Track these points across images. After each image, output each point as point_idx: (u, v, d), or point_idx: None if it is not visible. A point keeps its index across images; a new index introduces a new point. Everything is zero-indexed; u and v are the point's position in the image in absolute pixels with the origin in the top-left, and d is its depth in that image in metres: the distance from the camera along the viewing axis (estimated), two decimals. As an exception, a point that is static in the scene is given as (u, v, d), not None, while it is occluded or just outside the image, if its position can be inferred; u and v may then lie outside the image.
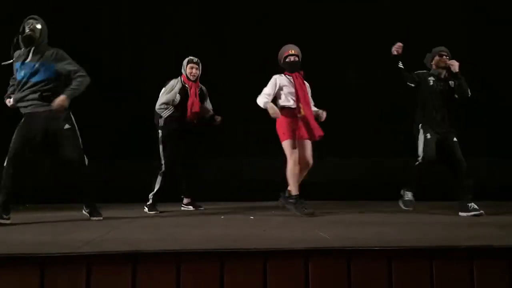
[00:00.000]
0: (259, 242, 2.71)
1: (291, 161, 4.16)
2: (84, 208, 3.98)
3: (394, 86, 6.06)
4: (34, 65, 3.71)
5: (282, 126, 4.27)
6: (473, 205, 4.20)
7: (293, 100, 4.26)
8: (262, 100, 4.21)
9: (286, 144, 4.22)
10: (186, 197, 4.97)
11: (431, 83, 4.52)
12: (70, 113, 3.85)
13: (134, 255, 2.42)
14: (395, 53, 4.48)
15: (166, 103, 4.69)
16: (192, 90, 4.76)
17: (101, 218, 3.92)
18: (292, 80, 4.31)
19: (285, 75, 4.38)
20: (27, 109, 3.75)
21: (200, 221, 3.94)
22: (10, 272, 2.34)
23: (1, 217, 3.62)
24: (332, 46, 6.20)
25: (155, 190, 4.65)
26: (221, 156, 5.65)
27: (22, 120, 3.77)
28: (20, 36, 3.73)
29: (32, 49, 3.76)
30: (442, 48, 4.69)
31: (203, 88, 4.98)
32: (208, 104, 5.00)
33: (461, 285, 2.51)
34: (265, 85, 4.37)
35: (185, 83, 4.80)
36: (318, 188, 5.59)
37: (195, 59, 4.83)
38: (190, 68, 4.79)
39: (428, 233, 3.10)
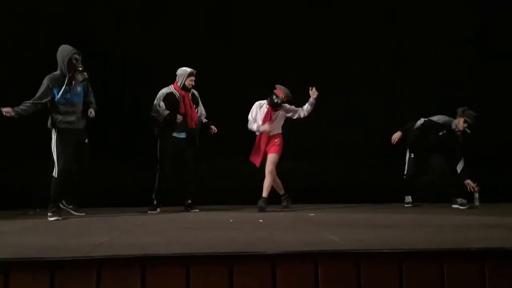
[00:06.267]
0: (268, 246, 2.70)
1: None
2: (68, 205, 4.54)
3: (399, 87, 6.10)
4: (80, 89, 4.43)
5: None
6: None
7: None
8: (254, 127, 5.08)
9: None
10: (186, 199, 5.09)
11: (440, 134, 5.19)
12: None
13: (144, 259, 2.42)
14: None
15: (153, 114, 5.00)
16: (186, 99, 4.98)
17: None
18: (267, 112, 5.09)
19: (266, 103, 5.11)
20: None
21: (209, 224, 3.94)
22: (21, 276, 2.34)
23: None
24: (334, 45, 6.19)
25: (155, 190, 4.97)
26: (230, 160, 5.65)
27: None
28: (74, 73, 4.32)
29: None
30: (471, 115, 5.17)
31: (195, 93, 5.13)
32: (201, 108, 5.17)
33: (472, 287, 2.49)
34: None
35: (176, 91, 4.98)
36: (326, 191, 5.58)
37: (195, 72, 5.01)
38: (190, 81, 4.97)
39: (438, 235, 3.08)
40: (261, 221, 4.10)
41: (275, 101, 5.04)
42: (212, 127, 5.12)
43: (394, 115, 5.98)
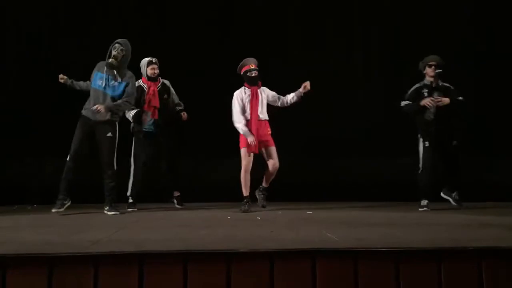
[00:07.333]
0: (266, 243, 2.70)
1: (243, 168, 4.72)
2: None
3: (399, 87, 6.09)
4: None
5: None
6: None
7: (248, 113, 4.76)
8: (241, 127, 4.71)
9: (241, 152, 4.75)
10: (172, 190, 5.13)
11: (425, 95, 4.90)
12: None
13: (141, 255, 2.43)
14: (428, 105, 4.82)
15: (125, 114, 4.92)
16: (151, 88, 4.99)
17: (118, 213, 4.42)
18: (250, 94, 4.77)
19: (244, 87, 4.82)
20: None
21: (207, 221, 3.94)
22: (19, 272, 2.35)
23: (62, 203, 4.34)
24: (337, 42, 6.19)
25: (129, 190, 4.94)
26: (229, 158, 5.65)
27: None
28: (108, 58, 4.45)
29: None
30: (432, 57, 4.94)
31: (166, 82, 5.13)
32: (173, 97, 5.15)
33: (470, 286, 2.48)
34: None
35: (144, 83, 5.00)
36: (325, 189, 5.58)
37: (154, 60, 5.01)
38: (151, 69, 4.99)
39: (436, 234, 3.08)
40: (259, 218, 4.10)
41: (255, 76, 4.76)
42: (182, 114, 5.06)
43: (394, 115, 5.97)
